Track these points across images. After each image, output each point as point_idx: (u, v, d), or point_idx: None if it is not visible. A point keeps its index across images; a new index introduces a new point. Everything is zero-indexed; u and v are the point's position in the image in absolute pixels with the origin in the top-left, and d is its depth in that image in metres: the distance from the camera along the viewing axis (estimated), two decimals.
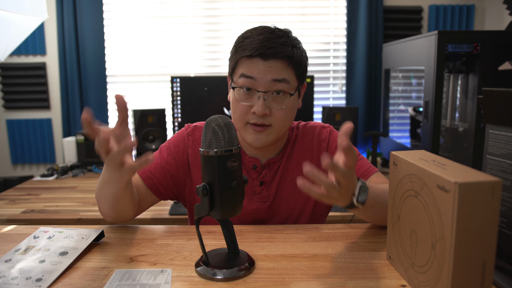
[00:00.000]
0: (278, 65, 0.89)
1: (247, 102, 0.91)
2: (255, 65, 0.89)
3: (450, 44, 1.69)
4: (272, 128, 0.93)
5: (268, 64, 0.89)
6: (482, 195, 0.53)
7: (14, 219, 1.57)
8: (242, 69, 0.91)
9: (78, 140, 2.29)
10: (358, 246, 0.83)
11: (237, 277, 0.70)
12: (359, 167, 0.99)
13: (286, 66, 0.90)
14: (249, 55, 0.89)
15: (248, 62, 0.90)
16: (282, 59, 0.89)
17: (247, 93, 0.91)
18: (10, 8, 1.79)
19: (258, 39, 0.89)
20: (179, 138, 1.04)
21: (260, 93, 0.89)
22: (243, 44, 0.91)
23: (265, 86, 0.89)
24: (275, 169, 1.01)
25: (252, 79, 0.89)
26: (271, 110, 0.91)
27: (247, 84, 0.90)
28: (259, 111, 0.89)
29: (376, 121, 2.58)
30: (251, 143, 0.94)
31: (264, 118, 0.91)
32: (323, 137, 1.04)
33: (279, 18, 2.53)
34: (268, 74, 0.89)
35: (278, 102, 0.91)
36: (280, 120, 0.92)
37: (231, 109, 0.97)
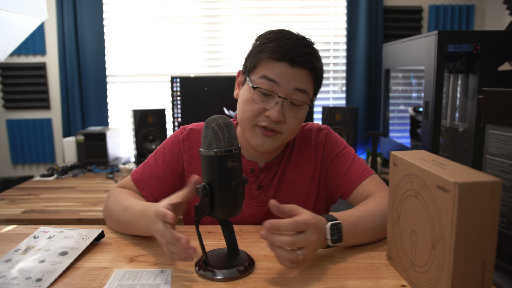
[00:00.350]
0: (303, 74, 0.88)
1: (263, 104, 0.88)
2: (281, 69, 0.86)
3: (450, 44, 1.69)
4: (281, 136, 0.91)
5: (294, 71, 0.87)
6: (482, 195, 0.53)
7: (14, 219, 1.57)
8: (265, 71, 0.88)
9: (78, 140, 2.29)
10: (358, 246, 0.83)
11: (237, 277, 0.70)
12: (352, 171, 0.97)
13: (309, 77, 0.89)
14: (277, 58, 0.86)
15: (273, 64, 0.87)
16: (308, 69, 0.88)
17: (264, 96, 0.88)
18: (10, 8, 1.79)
19: (287, 44, 0.87)
20: (174, 142, 1.01)
21: (280, 99, 0.87)
22: (270, 46, 0.88)
23: (286, 93, 0.87)
24: (273, 172, 1.00)
25: (274, 82, 0.87)
26: (285, 117, 0.89)
27: (269, 87, 0.87)
28: (274, 117, 0.86)
29: (376, 121, 2.58)
30: (256, 147, 0.92)
31: (276, 124, 0.89)
32: (320, 140, 1.02)
33: (279, 18, 2.53)
34: (291, 81, 0.87)
35: (294, 111, 0.90)
36: (291, 129, 0.91)
37: (240, 107, 0.93)
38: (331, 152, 1.01)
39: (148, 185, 0.97)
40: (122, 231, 0.90)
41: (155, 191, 0.97)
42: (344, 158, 1.00)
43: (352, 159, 1.00)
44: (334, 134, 1.05)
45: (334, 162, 1.00)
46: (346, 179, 0.98)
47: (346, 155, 1.00)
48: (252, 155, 0.99)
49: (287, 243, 0.66)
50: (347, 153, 1.01)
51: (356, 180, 0.96)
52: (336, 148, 1.01)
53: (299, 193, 1.00)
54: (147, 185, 0.97)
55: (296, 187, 1.00)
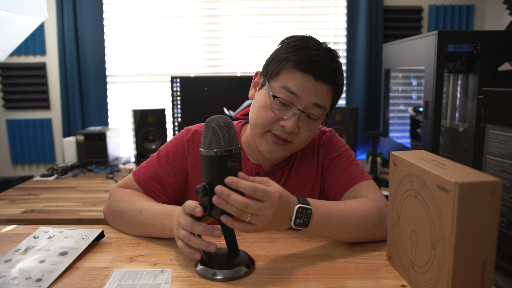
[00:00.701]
0: (325, 89, 0.86)
1: (280, 113, 0.86)
2: (303, 81, 0.84)
3: (450, 44, 1.69)
4: (291, 146, 0.90)
5: (316, 85, 0.85)
6: (482, 195, 0.53)
7: (14, 219, 1.57)
8: (287, 81, 0.85)
9: (78, 140, 2.29)
10: (358, 246, 0.83)
11: (237, 277, 0.70)
12: (347, 174, 0.96)
13: (330, 93, 0.88)
14: (302, 69, 0.84)
15: (296, 75, 0.85)
16: (331, 85, 0.87)
17: (282, 106, 0.86)
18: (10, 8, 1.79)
19: (314, 55, 0.85)
20: (178, 144, 1.00)
21: (297, 111, 0.85)
22: (297, 54, 0.85)
23: (305, 106, 0.86)
24: (278, 176, 0.99)
25: (294, 95, 0.85)
26: (299, 129, 0.88)
27: (288, 99, 0.85)
28: (290, 128, 0.85)
29: (376, 121, 2.58)
30: (264, 153, 0.91)
31: (289, 134, 0.88)
32: (322, 142, 1.01)
33: (279, 18, 2.53)
34: (312, 96, 0.85)
35: (309, 124, 0.89)
36: (302, 141, 0.90)
37: (254, 111, 0.91)
38: (331, 154, 1.00)
39: (152, 185, 0.97)
40: (135, 232, 0.89)
41: (158, 191, 0.97)
42: (342, 161, 0.98)
43: (350, 162, 0.98)
44: (337, 137, 1.03)
45: (331, 164, 0.99)
46: (339, 181, 0.96)
47: (344, 158, 0.99)
48: (258, 158, 0.98)
49: (239, 203, 0.65)
50: (346, 157, 0.99)
51: (348, 183, 0.94)
52: (336, 150, 1.00)
53: (301, 195, 0.99)
54: (150, 185, 0.97)
55: (299, 189, 0.99)
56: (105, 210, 0.97)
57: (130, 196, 0.92)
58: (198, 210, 0.69)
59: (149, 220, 0.85)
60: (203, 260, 0.73)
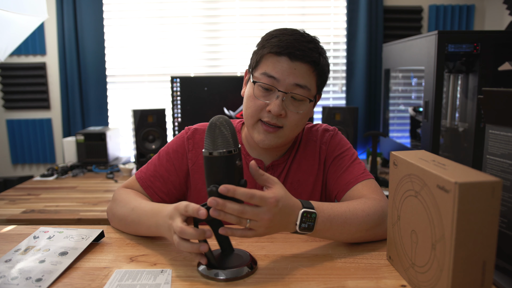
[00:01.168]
0: (304, 69, 0.88)
1: (264, 99, 0.89)
2: (281, 64, 0.87)
3: (450, 44, 1.69)
4: (283, 131, 0.91)
5: (294, 65, 0.87)
6: (482, 195, 0.53)
7: (14, 219, 1.57)
8: (266, 67, 0.89)
9: (78, 140, 2.29)
10: (358, 246, 0.83)
11: (239, 277, 0.70)
12: (349, 173, 0.96)
13: (311, 72, 0.89)
14: (277, 52, 0.87)
15: (273, 59, 0.88)
16: (309, 63, 0.88)
17: (265, 91, 0.89)
18: (10, 8, 1.79)
19: (288, 39, 0.87)
20: (178, 142, 1.02)
21: (280, 93, 0.87)
22: (271, 41, 0.89)
23: (286, 88, 0.88)
24: (279, 171, 1.00)
25: (274, 79, 0.87)
26: (287, 112, 0.89)
27: (269, 83, 0.88)
28: (275, 111, 0.87)
29: (376, 121, 2.58)
30: (258, 143, 0.92)
31: (278, 119, 0.89)
32: (324, 140, 1.02)
33: (279, 18, 2.53)
34: (291, 77, 0.87)
35: (296, 106, 0.90)
36: (293, 124, 0.90)
37: (244, 104, 0.94)
38: (333, 152, 1.01)
39: (152, 183, 0.98)
40: (128, 230, 0.90)
41: (159, 190, 0.98)
42: (344, 159, 0.99)
43: (352, 161, 0.99)
44: (340, 135, 1.04)
45: (333, 163, 1.00)
46: (341, 180, 0.97)
47: (347, 157, 0.99)
48: (258, 152, 1.00)
49: (236, 211, 0.65)
50: (348, 155, 1.00)
51: (350, 181, 0.95)
52: (339, 149, 1.01)
53: (302, 191, 1.00)
54: (151, 183, 0.98)
55: (300, 185, 1.00)
56: (107, 210, 0.98)
57: (127, 195, 0.93)
58: (202, 213, 0.67)
59: (138, 218, 0.85)
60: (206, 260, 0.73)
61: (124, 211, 0.89)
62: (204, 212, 0.67)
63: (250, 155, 1.01)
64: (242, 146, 1.01)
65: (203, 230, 0.67)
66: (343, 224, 0.78)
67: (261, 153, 1.00)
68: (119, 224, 0.92)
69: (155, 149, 2.25)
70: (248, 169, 0.98)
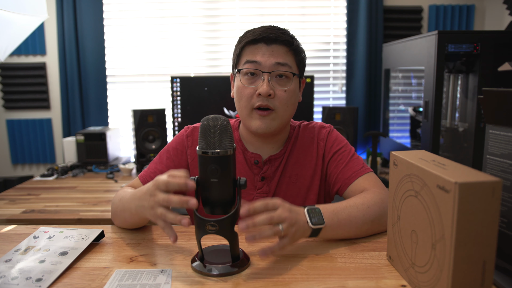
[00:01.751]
0: (281, 49, 0.95)
1: (252, 85, 0.95)
2: (259, 49, 0.95)
3: (450, 44, 1.69)
4: (276, 113, 0.95)
5: (271, 48, 0.94)
6: (482, 195, 0.53)
7: (14, 219, 1.57)
8: (246, 56, 0.96)
9: (78, 140, 2.29)
10: (358, 246, 0.83)
11: (232, 273, 0.70)
12: (349, 168, 1.00)
13: (287, 51, 0.96)
14: (253, 39, 0.95)
15: (252, 48, 0.96)
16: (284, 44, 0.95)
17: (251, 77, 0.96)
18: (10, 8, 1.79)
19: (260, 29, 0.96)
20: (177, 140, 1.06)
21: (265, 74, 0.94)
22: (246, 35, 0.98)
23: (269, 68, 0.94)
24: (276, 165, 1.04)
25: (256, 63, 0.94)
26: (275, 92, 0.94)
27: (253, 67, 0.95)
28: (264, 91, 0.92)
29: (376, 121, 2.58)
30: (256, 130, 0.96)
31: (268, 100, 0.94)
32: (322, 137, 1.06)
33: (279, 18, 2.53)
34: (271, 58, 0.94)
35: (282, 84, 0.96)
36: (283, 103, 0.95)
37: (236, 99, 1.00)
38: (332, 148, 1.04)
39: (152, 179, 0.98)
40: (122, 222, 0.92)
41: None
42: (343, 155, 1.03)
43: (351, 156, 1.03)
44: (336, 132, 1.09)
45: (333, 158, 1.04)
46: (342, 175, 1.01)
47: (345, 152, 1.04)
48: (255, 147, 1.04)
49: (265, 220, 0.70)
50: (347, 151, 1.04)
51: (351, 176, 0.99)
52: (337, 145, 1.05)
53: (301, 185, 1.04)
54: (151, 179, 0.99)
55: (298, 179, 1.04)
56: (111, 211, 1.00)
57: (123, 190, 0.96)
58: (193, 203, 0.67)
59: (123, 206, 0.87)
60: (199, 256, 0.74)
61: (118, 203, 0.91)
62: (195, 202, 0.67)
63: (248, 150, 1.04)
64: (240, 142, 1.05)
65: (187, 198, 0.68)
66: (349, 217, 0.83)
67: (258, 148, 1.04)
68: (115, 219, 0.94)
69: (155, 149, 2.25)
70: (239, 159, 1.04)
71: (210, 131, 0.68)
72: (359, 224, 0.84)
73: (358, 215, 0.84)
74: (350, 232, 0.84)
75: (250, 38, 0.95)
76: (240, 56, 0.99)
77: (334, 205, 0.84)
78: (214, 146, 0.68)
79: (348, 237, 0.85)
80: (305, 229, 0.76)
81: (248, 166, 1.03)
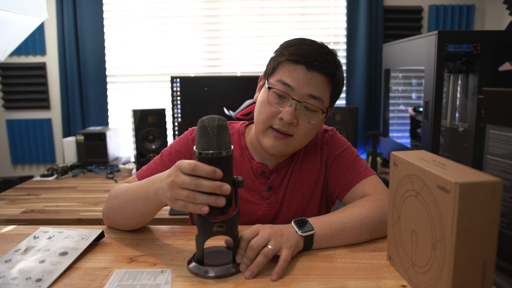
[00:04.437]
0: (319, 80, 0.88)
1: (278, 106, 0.89)
2: (297, 72, 0.87)
3: (450, 44, 1.68)
4: (293, 140, 0.91)
5: (310, 75, 0.87)
6: (482, 195, 0.53)
7: (14, 219, 1.56)
8: (282, 74, 0.89)
9: (78, 140, 2.28)
10: (358, 246, 0.83)
11: (228, 275, 0.70)
12: (351, 171, 0.98)
13: (326, 84, 0.89)
14: (294, 60, 0.87)
15: (290, 67, 0.88)
16: (325, 75, 0.88)
17: (279, 98, 0.89)
18: (10, 8, 1.79)
19: (307, 49, 0.88)
20: (181, 142, 1.03)
21: (293, 101, 0.87)
22: (290, 49, 0.89)
23: (300, 97, 0.88)
24: (283, 174, 1.01)
25: (289, 87, 0.88)
26: (298, 121, 0.89)
27: (284, 90, 0.88)
28: (287, 119, 0.87)
29: (376, 121, 2.58)
30: (267, 149, 0.92)
31: (289, 127, 0.89)
32: (325, 141, 1.04)
33: (279, 18, 2.53)
34: (306, 87, 0.87)
35: (308, 116, 0.90)
36: (303, 134, 0.91)
37: (256, 109, 0.95)
38: (334, 152, 1.02)
39: None
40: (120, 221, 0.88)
41: None
42: (345, 158, 1.01)
43: (353, 159, 1.00)
44: (338, 135, 1.06)
45: (335, 162, 1.01)
46: (343, 179, 0.98)
47: (348, 155, 1.01)
48: (263, 157, 1.00)
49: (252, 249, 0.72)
50: (349, 154, 1.02)
51: (353, 180, 0.97)
52: (339, 148, 1.02)
53: (305, 192, 1.01)
54: None
55: (302, 186, 1.01)
56: (102, 210, 0.96)
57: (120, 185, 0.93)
58: (227, 188, 0.66)
59: (134, 194, 0.83)
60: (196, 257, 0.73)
61: (120, 196, 0.87)
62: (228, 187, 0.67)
63: (255, 158, 1.01)
64: (247, 150, 1.02)
65: (220, 183, 0.66)
66: (343, 228, 0.82)
67: (265, 158, 1.00)
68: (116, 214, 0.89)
69: (155, 149, 2.25)
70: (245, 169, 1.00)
71: (208, 131, 0.68)
72: (357, 235, 0.83)
73: (355, 226, 0.83)
74: (348, 241, 0.83)
75: (292, 58, 0.87)
76: (276, 70, 0.91)
77: (326, 216, 0.84)
78: (213, 147, 0.68)
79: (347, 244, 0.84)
80: (297, 239, 0.77)
81: (255, 176, 1.00)
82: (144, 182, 0.83)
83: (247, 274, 0.70)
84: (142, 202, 0.82)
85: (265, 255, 0.71)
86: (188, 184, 0.66)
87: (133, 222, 0.89)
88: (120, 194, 0.88)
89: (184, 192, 0.67)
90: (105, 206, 0.94)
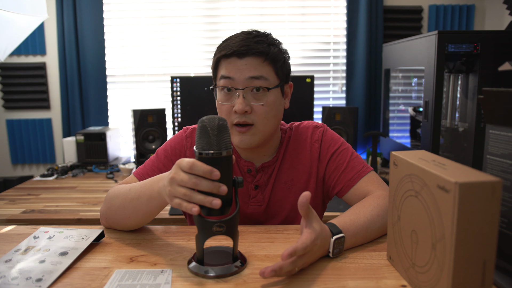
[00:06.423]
0: (254, 61, 0.90)
1: (228, 102, 0.92)
2: (232, 64, 0.91)
3: (450, 44, 1.68)
4: (255, 128, 0.92)
5: (244, 62, 0.90)
6: (482, 195, 0.53)
7: (14, 219, 1.57)
8: (221, 71, 0.93)
9: (78, 140, 2.28)
10: (358, 246, 0.83)
11: (229, 274, 0.70)
12: (350, 169, 0.99)
13: (262, 62, 0.91)
14: (225, 55, 0.91)
15: (225, 63, 0.92)
16: (257, 55, 0.90)
17: (227, 94, 0.92)
18: (10, 8, 1.79)
19: (234, 40, 0.91)
20: (176, 140, 1.04)
21: (239, 91, 0.90)
22: (220, 47, 0.94)
23: (243, 84, 0.90)
24: (269, 172, 1.02)
25: (230, 79, 0.91)
26: (252, 107, 0.91)
27: (227, 84, 0.91)
28: (239, 109, 0.89)
29: (376, 121, 2.58)
30: (237, 145, 0.94)
31: (246, 116, 0.91)
32: (316, 138, 1.03)
33: (279, 18, 2.53)
34: (244, 72, 0.90)
35: (258, 98, 0.92)
36: (261, 118, 0.92)
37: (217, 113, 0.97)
38: (329, 149, 1.02)
39: (149, 176, 0.98)
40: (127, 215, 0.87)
41: None
42: (342, 155, 1.01)
43: (350, 156, 1.01)
44: (330, 131, 1.06)
45: (332, 159, 1.01)
46: (344, 176, 0.99)
47: (344, 151, 1.02)
48: (248, 155, 1.01)
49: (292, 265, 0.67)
50: (345, 150, 1.02)
51: (354, 178, 0.97)
52: (334, 145, 1.02)
53: (296, 190, 1.01)
54: (148, 177, 0.97)
55: (293, 184, 1.02)
56: (100, 210, 0.95)
57: (121, 185, 0.94)
58: (223, 189, 0.67)
59: (137, 193, 0.84)
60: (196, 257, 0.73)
61: (121, 196, 0.87)
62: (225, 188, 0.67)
63: (241, 157, 1.02)
64: (234, 149, 1.02)
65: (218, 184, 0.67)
66: (365, 234, 0.84)
67: (249, 156, 1.01)
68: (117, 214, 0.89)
69: (155, 149, 2.25)
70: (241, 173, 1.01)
71: (208, 132, 0.68)
72: (373, 236, 0.86)
73: (374, 228, 0.85)
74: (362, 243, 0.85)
75: (223, 53, 0.91)
76: (217, 70, 0.95)
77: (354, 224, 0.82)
78: (213, 147, 0.68)
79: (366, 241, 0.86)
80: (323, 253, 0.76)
81: (242, 174, 1.01)
82: (148, 181, 0.83)
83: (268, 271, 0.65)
84: (145, 201, 0.82)
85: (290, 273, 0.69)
86: (186, 182, 0.67)
87: (134, 221, 0.89)
88: (121, 194, 0.88)
89: (182, 190, 0.68)
90: (103, 206, 0.94)
